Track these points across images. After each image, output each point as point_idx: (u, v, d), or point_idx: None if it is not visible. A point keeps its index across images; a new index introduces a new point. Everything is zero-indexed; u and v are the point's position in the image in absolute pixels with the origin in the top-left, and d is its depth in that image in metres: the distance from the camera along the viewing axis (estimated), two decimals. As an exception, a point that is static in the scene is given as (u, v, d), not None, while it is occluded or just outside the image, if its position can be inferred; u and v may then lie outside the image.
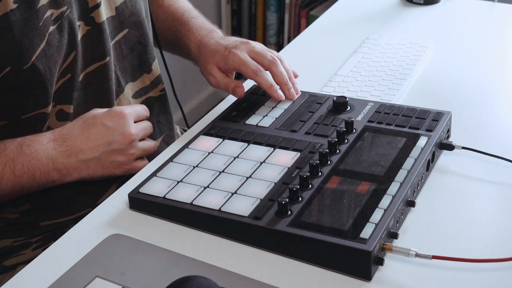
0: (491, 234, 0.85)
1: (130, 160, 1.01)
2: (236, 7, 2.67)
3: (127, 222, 0.89)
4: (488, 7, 1.54)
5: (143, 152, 1.03)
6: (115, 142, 0.99)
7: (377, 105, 1.05)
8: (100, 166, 0.99)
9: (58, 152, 0.97)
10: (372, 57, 1.29)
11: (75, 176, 0.99)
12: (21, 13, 0.92)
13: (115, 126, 0.99)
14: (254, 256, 0.82)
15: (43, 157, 0.96)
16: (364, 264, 0.77)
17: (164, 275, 0.78)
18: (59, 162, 0.97)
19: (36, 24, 0.93)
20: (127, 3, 1.08)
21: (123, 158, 1.00)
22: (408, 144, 0.95)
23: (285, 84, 1.08)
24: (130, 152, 1.00)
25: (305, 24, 2.54)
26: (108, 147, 0.99)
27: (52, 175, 0.97)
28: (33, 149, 0.96)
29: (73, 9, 0.98)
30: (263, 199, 0.86)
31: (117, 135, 0.99)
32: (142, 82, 1.14)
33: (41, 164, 0.96)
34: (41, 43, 0.94)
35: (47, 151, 0.96)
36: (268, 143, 0.98)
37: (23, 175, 0.96)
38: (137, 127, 1.01)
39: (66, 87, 1.01)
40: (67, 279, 0.79)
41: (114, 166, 1.00)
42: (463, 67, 1.28)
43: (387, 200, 0.83)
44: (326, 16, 1.53)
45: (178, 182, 0.91)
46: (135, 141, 1.01)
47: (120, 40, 1.08)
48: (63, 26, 0.97)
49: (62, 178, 0.98)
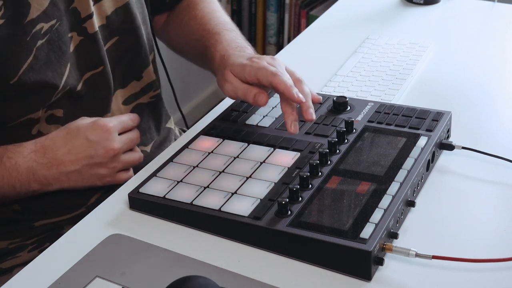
0: (491, 234, 0.85)
1: (112, 173, 1.01)
2: (236, 7, 2.67)
3: (127, 222, 0.89)
4: (488, 7, 1.54)
5: (126, 165, 1.03)
6: (97, 156, 0.99)
7: (377, 105, 1.05)
8: (81, 178, 1.00)
9: (39, 164, 0.97)
10: (372, 57, 1.29)
11: (56, 186, 0.99)
12: (6, 28, 0.91)
13: (98, 139, 0.98)
14: (254, 256, 0.82)
15: (23, 169, 0.97)
16: (364, 264, 0.77)
17: (164, 275, 0.78)
18: (39, 174, 0.97)
19: (23, 39, 0.93)
20: (118, 13, 1.07)
21: (105, 171, 1.00)
22: (408, 144, 0.95)
23: (304, 104, 0.94)
24: (112, 166, 1.00)
25: (305, 24, 2.54)
26: (90, 160, 0.99)
27: (33, 186, 0.98)
28: (13, 162, 0.96)
29: (63, 21, 0.98)
30: (263, 199, 0.86)
31: (100, 149, 0.98)
32: (132, 88, 1.13)
33: (22, 176, 0.97)
34: (28, 58, 0.94)
35: (28, 163, 0.97)
36: (268, 143, 0.98)
37: (3, 186, 0.97)
38: (122, 139, 1.01)
39: (66, 98, 1.01)
40: (67, 279, 0.79)
41: (96, 178, 1.01)
42: (463, 67, 1.28)
43: (387, 200, 0.83)
44: (326, 16, 1.53)
45: (178, 182, 0.91)
46: (118, 155, 1.00)
47: (110, 48, 1.07)
48: (52, 39, 0.96)
49: (43, 188, 0.99)
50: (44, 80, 0.96)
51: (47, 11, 0.95)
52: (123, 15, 1.08)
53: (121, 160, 1.01)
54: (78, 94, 1.02)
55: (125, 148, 1.02)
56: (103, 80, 1.05)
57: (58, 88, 0.98)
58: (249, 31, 2.70)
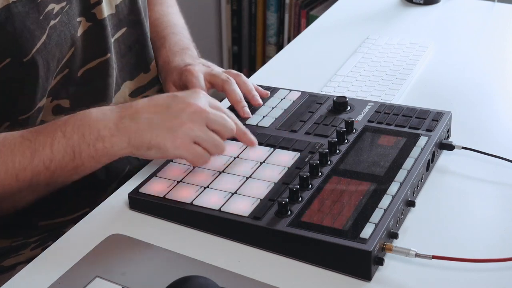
0: (491, 234, 0.85)
1: (186, 139, 0.88)
2: (236, 7, 2.67)
3: (127, 222, 0.89)
4: (488, 7, 1.54)
5: (208, 142, 0.89)
6: (175, 107, 0.88)
7: (377, 105, 1.05)
8: (152, 129, 0.88)
9: (113, 111, 0.90)
10: (372, 57, 1.29)
11: (123, 140, 0.88)
12: (22, 6, 0.92)
13: (183, 94, 0.91)
14: (254, 256, 0.82)
15: (96, 114, 0.89)
16: (364, 264, 0.77)
17: (164, 275, 0.78)
18: (111, 120, 0.89)
19: (37, 17, 0.93)
20: (126, 2, 1.08)
21: (179, 130, 0.87)
22: (408, 144, 0.95)
23: (238, 102, 1.03)
24: (190, 127, 0.87)
25: (305, 24, 2.54)
26: (166, 110, 0.89)
27: (103, 133, 0.88)
28: (87, 111, 0.90)
29: (73, 5, 0.98)
30: (263, 199, 0.86)
31: (180, 102, 0.89)
32: (139, 81, 1.14)
33: (92, 121, 0.88)
34: (41, 37, 0.94)
35: (102, 110, 0.91)
36: (268, 143, 0.98)
37: (73, 136, 0.88)
38: (211, 107, 0.91)
39: (63, 82, 1.00)
40: (67, 279, 0.79)
41: (167, 139, 0.87)
42: (463, 67, 1.28)
43: (387, 200, 0.83)
44: (326, 16, 1.53)
45: (178, 182, 0.91)
46: (201, 116, 0.88)
47: (119, 38, 1.08)
48: (63, 21, 0.97)
49: (112, 139, 0.88)
50: (52, 60, 0.96)
51: None
52: (130, 5, 1.09)
53: (203, 129, 0.89)
54: (80, 81, 1.02)
55: (213, 118, 0.89)
56: (109, 68, 1.05)
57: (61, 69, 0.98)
58: (249, 31, 2.70)
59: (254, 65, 2.74)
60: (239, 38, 2.73)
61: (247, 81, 1.08)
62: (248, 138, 0.95)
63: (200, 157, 0.90)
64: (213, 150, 0.90)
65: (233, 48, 2.76)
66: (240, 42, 2.73)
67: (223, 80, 1.05)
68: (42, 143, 0.88)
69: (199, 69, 1.07)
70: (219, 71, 1.08)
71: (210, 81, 1.06)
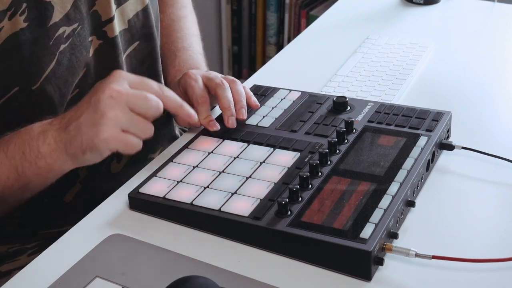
0: (491, 234, 0.85)
1: (108, 125, 0.82)
2: (236, 7, 2.67)
3: (127, 222, 0.89)
4: (488, 7, 1.54)
5: (131, 124, 0.84)
6: (94, 98, 0.83)
7: (377, 105, 1.05)
8: (80, 134, 0.84)
9: (52, 126, 0.87)
10: (372, 57, 1.29)
11: (61, 151, 0.86)
12: (31, 32, 0.89)
13: (102, 81, 0.86)
14: (254, 256, 0.82)
15: (37, 129, 0.87)
16: (364, 264, 0.77)
17: (164, 275, 0.78)
18: (49, 135, 0.86)
19: (46, 43, 0.90)
20: (139, 16, 1.05)
21: (101, 120, 0.82)
22: (408, 144, 0.95)
23: (225, 109, 1.01)
24: (109, 115, 0.82)
25: (305, 24, 2.54)
26: (88, 105, 0.84)
27: (43, 150, 0.86)
28: (29, 127, 0.88)
29: (85, 25, 0.96)
30: (263, 199, 0.86)
31: (98, 91, 0.84)
32: None
33: (32, 138, 0.86)
34: (51, 63, 0.91)
35: (42, 125, 0.88)
36: (268, 143, 0.98)
37: (15, 155, 0.86)
38: (130, 86, 0.85)
39: (74, 102, 0.99)
40: (67, 279, 0.79)
41: (94, 132, 0.83)
42: (463, 67, 1.28)
43: (387, 200, 0.83)
44: (326, 16, 1.53)
45: (178, 182, 0.91)
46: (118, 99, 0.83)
47: (131, 53, 1.06)
48: (74, 44, 0.94)
49: (52, 154, 0.86)
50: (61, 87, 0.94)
51: (69, 14, 0.93)
52: (143, 18, 1.06)
53: (127, 113, 0.83)
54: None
55: (133, 100, 0.84)
56: None
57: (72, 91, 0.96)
58: (249, 31, 2.70)
59: (254, 65, 2.74)
60: (239, 38, 2.73)
61: (240, 89, 1.04)
62: (186, 111, 0.91)
63: (131, 146, 0.85)
64: (141, 135, 0.85)
65: (233, 48, 2.76)
66: (240, 42, 2.73)
67: (217, 83, 1.02)
68: None
69: (197, 72, 1.06)
70: (216, 75, 1.06)
71: (206, 84, 1.04)
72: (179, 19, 1.22)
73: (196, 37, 1.23)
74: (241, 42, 2.73)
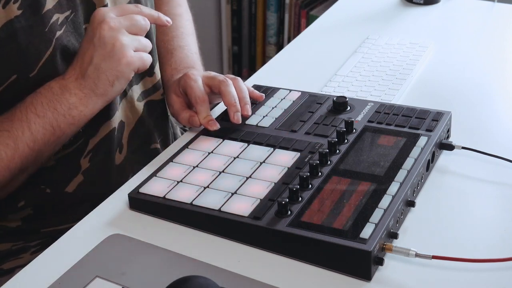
0: (491, 234, 0.85)
1: (122, 51, 0.92)
2: (236, 7, 2.67)
3: (127, 222, 0.89)
4: (488, 7, 1.54)
5: (137, 43, 0.94)
6: (95, 38, 0.92)
7: (377, 105, 1.05)
8: (98, 70, 0.93)
9: (67, 79, 0.94)
10: (372, 57, 1.29)
11: (90, 95, 0.94)
12: (26, 19, 0.90)
13: (90, 23, 0.94)
14: (254, 256, 0.82)
15: (57, 86, 0.93)
16: (364, 264, 0.77)
17: (164, 275, 0.78)
18: (71, 87, 0.93)
19: (42, 30, 0.92)
20: (132, 4, 1.06)
21: (112, 49, 0.92)
22: (408, 144, 0.95)
23: (231, 105, 1.02)
24: (118, 42, 0.92)
25: (305, 24, 2.54)
26: (94, 47, 0.92)
27: (72, 100, 0.93)
28: (46, 87, 0.93)
29: (78, 12, 0.97)
30: (263, 199, 0.86)
31: (94, 29, 0.92)
32: (144, 85, 1.13)
33: (57, 93, 0.92)
34: (47, 50, 0.93)
35: (58, 81, 0.93)
36: (268, 143, 0.98)
37: (46, 113, 0.92)
38: (119, 13, 0.95)
39: None
40: (67, 279, 0.79)
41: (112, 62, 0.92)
42: (463, 67, 1.28)
43: (387, 200, 0.83)
44: (326, 16, 1.53)
45: (178, 182, 0.91)
46: (115, 24, 0.92)
47: None
48: (69, 31, 0.96)
49: (82, 101, 0.93)
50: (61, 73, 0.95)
51: (61, 2, 0.94)
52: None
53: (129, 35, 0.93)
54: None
55: (126, 23, 0.94)
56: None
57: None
58: (249, 31, 2.70)
59: (254, 65, 2.74)
60: (239, 38, 2.73)
61: (242, 87, 1.06)
62: (162, 19, 0.99)
63: (147, 60, 0.96)
64: (146, 49, 0.96)
65: (233, 48, 2.76)
66: (240, 42, 2.73)
67: (220, 81, 1.04)
68: (19, 129, 0.90)
69: (197, 73, 1.06)
70: (217, 74, 1.07)
71: (208, 83, 1.05)
72: (174, 17, 1.23)
73: (192, 36, 1.24)
74: (241, 42, 2.73)
